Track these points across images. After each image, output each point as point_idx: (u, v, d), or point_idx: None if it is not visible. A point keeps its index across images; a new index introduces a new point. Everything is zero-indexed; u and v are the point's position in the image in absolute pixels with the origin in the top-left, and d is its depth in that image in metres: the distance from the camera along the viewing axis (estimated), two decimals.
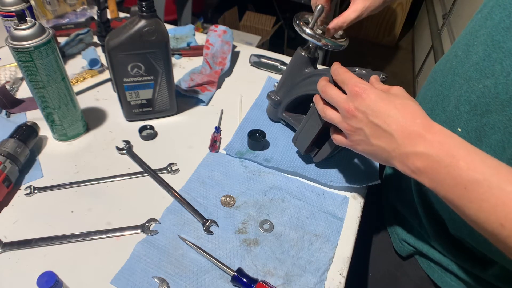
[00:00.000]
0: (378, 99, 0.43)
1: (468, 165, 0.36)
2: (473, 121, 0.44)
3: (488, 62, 0.43)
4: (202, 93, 0.80)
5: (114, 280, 0.49)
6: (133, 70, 0.66)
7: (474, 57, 0.45)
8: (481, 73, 0.43)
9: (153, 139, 0.71)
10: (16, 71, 0.81)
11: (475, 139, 0.44)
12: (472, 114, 0.45)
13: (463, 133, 0.46)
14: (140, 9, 0.61)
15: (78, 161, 0.65)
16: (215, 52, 0.89)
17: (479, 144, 0.44)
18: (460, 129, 0.46)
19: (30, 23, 0.55)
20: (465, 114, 0.46)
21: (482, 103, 0.43)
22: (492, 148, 0.42)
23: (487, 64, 0.43)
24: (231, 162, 0.67)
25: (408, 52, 3.06)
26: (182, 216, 0.57)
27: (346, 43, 0.62)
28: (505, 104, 0.40)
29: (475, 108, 0.44)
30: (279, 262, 0.52)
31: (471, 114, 0.45)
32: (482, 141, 0.44)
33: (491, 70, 0.42)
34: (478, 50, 0.45)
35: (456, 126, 0.47)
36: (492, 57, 0.42)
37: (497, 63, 0.41)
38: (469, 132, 0.45)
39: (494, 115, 0.41)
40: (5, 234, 0.53)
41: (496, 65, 0.41)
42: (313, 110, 0.60)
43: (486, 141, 0.43)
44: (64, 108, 0.64)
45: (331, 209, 0.60)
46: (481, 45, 0.44)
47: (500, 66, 0.41)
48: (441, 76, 0.53)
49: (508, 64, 0.40)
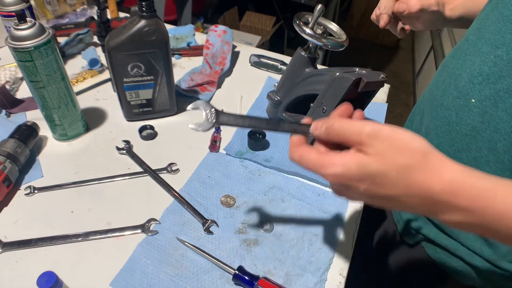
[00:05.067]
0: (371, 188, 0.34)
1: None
2: (486, 89, 0.45)
3: (499, 35, 0.45)
4: (202, 93, 0.80)
5: (114, 282, 0.49)
6: (133, 70, 0.66)
7: (486, 35, 0.47)
8: (492, 45, 0.45)
9: (153, 139, 0.71)
10: (16, 71, 0.81)
11: (490, 106, 0.45)
12: (485, 84, 0.46)
13: (477, 104, 0.47)
14: (140, 9, 0.61)
15: (78, 161, 0.65)
16: (215, 52, 0.89)
17: (495, 110, 0.45)
18: (474, 100, 0.47)
19: (30, 23, 0.55)
20: (478, 86, 0.46)
21: (494, 72, 0.44)
22: (507, 112, 0.43)
23: (498, 37, 0.45)
24: (231, 162, 0.67)
25: (408, 52, 3.06)
26: (182, 216, 0.57)
27: (346, 43, 0.62)
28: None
29: (488, 77, 0.45)
30: (279, 262, 0.52)
31: (484, 84, 0.46)
32: (498, 107, 0.44)
33: (501, 41, 0.44)
34: (490, 28, 0.47)
35: (470, 98, 0.47)
36: (502, 30, 0.44)
37: (507, 33, 0.43)
38: (482, 101, 0.46)
39: (508, 80, 0.43)
40: (5, 234, 0.53)
41: (506, 35, 0.43)
42: (313, 110, 0.60)
43: (501, 106, 0.44)
44: (64, 108, 0.64)
45: (331, 209, 0.60)
46: (493, 23, 0.46)
47: (511, 35, 0.43)
48: (452, 62, 0.54)
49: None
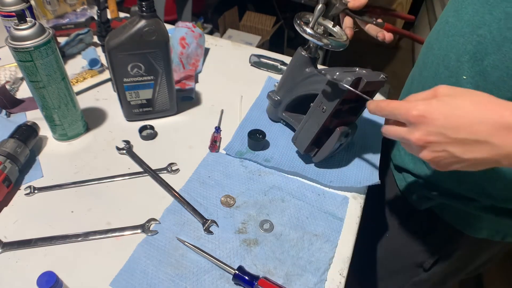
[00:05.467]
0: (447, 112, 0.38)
1: None
2: (475, 66, 0.49)
3: (478, 16, 0.48)
4: (184, 90, 0.80)
5: (114, 282, 0.49)
6: (133, 70, 0.66)
7: (465, 17, 0.50)
8: (473, 26, 0.49)
9: (153, 139, 0.71)
10: (16, 71, 0.81)
11: (481, 80, 0.49)
12: (473, 61, 0.49)
13: (468, 80, 0.50)
14: (140, 9, 0.61)
15: (78, 161, 0.65)
16: (189, 53, 0.90)
17: (484, 83, 0.48)
18: (465, 77, 0.50)
19: (30, 23, 0.55)
20: (466, 63, 0.50)
21: (479, 50, 0.48)
22: (495, 85, 0.47)
23: (477, 18, 0.48)
24: (231, 162, 0.67)
25: (408, 52, 3.06)
26: (182, 216, 0.57)
27: (347, 43, 0.62)
28: (500, 44, 0.46)
29: (474, 55, 0.49)
30: (279, 262, 0.52)
31: (472, 62, 0.49)
32: (486, 81, 0.48)
33: (481, 21, 0.48)
34: (467, 10, 0.50)
35: (461, 75, 0.51)
36: (480, 11, 0.48)
37: (487, 14, 0.47)
38: (473, 77, 0.49)
39: (493, 56, 0.47)
40: (5, 234, 0.53)
41: (486, 15, 0.47)
42: (313, 109, 0.60)
43: (489, 79, 0.48)
44: (64, 108, 0.64)
45: (331, 209, 0.60)
46: (469, 5, 0.50)
47: (491, 15, 0.46)
48: (436, 43, 0.57)
49: (498, 12, 0.46)
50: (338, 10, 0.62)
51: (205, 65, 0.92)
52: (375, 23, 0.61)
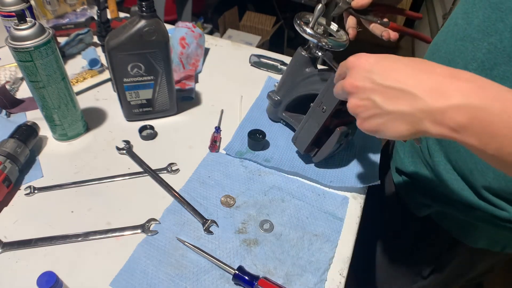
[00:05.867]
0: (380, 59, 0.38)
1: None
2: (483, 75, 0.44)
3: (489, 22, 0.46)
4: (184, 90, 0.80)
5: (114, 282, 0.49)
6: (133, 70, 0.66)
7: (475, 21, 0.48)
8: (483, 33, 0.46)
9: (153, 139, 0.71)
10: (16, 71, 0.81)
11: None
12: (481, 70, 0.47)
13: None
14: (140, 9, 0.61)
15: (78, 161, 0.65)
16: (189, 53, 0.90)
17: None
18: None
19: (30, 23, 0.55)
20: (473, 71, 0.46)
21: (489, 59, 0.46)
22: None
23: (488, 24, 0.46)
24: (231, 162, 0.67)
25: (408, 52, 3.06)
26: (182, 216, 0.57)
27: (347, 43, 0.62)
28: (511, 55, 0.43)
29: (483, 64, 0.46)
30: (279, 262, 0.52)
31: (479, 70, 0.47)
32: None
33: (493, 28, 0.45)
34: (478, 14, 0.48)
35: None
36: (492, 18, 0.45)
37: (499, 22, 0.44)
38: None
39: (504, 67, 0.44)
40: (5, 234, 0.53)
41: (498, 23, 0.44)
42: (313, 109, 0.60)
43: None
44: (64, 108, 0.64)
45: (331, 209, 0.60)
46: (480, 9, 0.47)
47: (503, 23, 0.44)
48: (444, 45, 0.54)
49: (510, 21, 0.43)
50: (341, 9, 0.61)
51: (205, 65, 0.92)
52: (380, 22, 0.60)
